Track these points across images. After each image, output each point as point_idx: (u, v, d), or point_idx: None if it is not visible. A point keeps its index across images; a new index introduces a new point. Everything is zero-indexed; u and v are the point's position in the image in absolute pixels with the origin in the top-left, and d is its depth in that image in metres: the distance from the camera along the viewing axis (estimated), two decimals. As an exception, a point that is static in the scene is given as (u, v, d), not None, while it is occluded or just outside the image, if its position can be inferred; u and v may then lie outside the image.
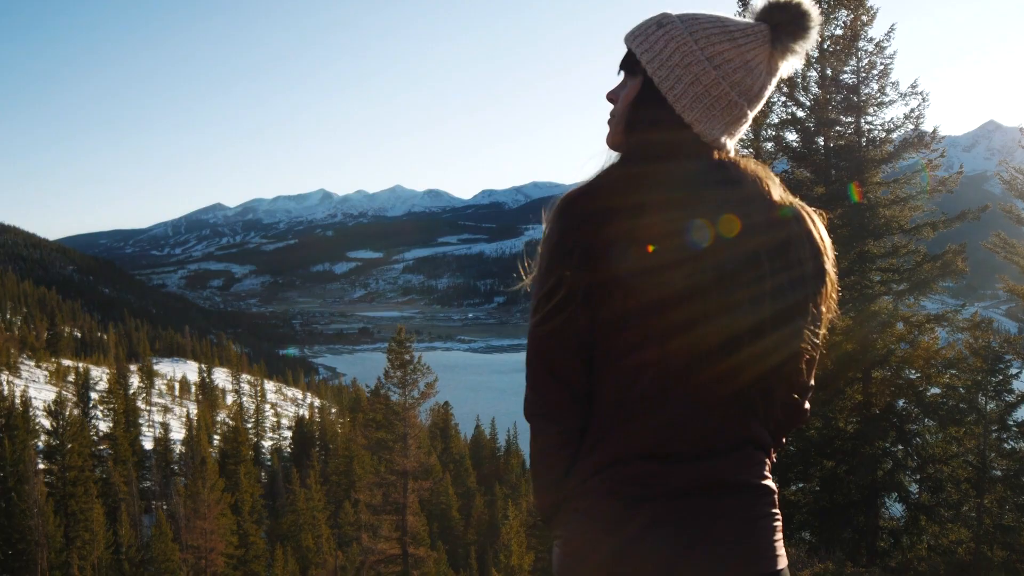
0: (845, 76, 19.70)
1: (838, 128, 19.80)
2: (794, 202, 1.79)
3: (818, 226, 1.80)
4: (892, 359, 18.50)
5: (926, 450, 18.06)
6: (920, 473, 18.18)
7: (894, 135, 19.10)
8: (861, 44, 19.42)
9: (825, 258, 1.78)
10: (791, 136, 21.05)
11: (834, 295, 1.82)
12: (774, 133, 21.10)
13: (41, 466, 39.75)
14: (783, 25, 1.74)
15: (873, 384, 18.41)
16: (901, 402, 18.60)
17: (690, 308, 1.65)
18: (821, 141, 20.22)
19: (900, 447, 18.36)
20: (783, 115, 20.92)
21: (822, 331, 1.80)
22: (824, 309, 1.79)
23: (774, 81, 1.80)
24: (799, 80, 20.28)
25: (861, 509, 17.93)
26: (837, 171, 19.35)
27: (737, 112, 1.77)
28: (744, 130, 1.83)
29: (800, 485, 19.65)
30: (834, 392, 18.01)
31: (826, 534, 17.89)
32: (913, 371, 18.62)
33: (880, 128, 19.35)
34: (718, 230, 1.65)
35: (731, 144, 1.81)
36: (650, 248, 1.63)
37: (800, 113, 20.50)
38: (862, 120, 19.48)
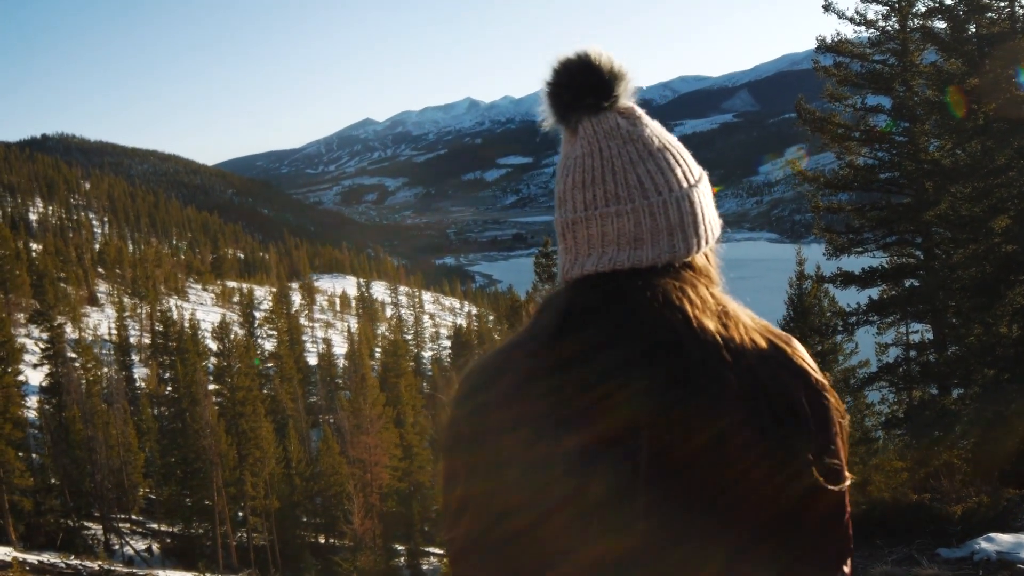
0: (999, -45, 18.38)
1: (991, 14, 18.57)
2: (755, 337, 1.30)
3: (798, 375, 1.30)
4: (1057, 259, 17.51)
5: (1097, 355, 17.10)
6: (1090, 379, 17.28)
7: (1055, 19, 17.81)
8: (1016, -83, 18.04)
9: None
10: (940, 25, 19.91)
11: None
12: (920, 23, 20.00)
13: (211, 387, 41.56)
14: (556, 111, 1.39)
15: (1036, 287, 17.48)
16: (1068, 304, 17.64)
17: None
18: (972, 28, 19.02)
19: (1068, 352, 17.43)
20: (930, 3, 19.77)
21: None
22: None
23: (578, 144, 1.37)
24: (948, -37, 19.10)
25: (1026, 419, 17.18)
26: (991, 60, 18.15)
27: (564, 227, 1.38)
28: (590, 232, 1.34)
29: (960, 391, 18.97)
30: (994, 296, 17.19)
31: (989, 446, 17.22)
32: (1081, 270, 17.62)
33: (1038, 11, 18.07)
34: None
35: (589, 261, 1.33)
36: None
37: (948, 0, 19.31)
38: (1016, 3, 18.20)
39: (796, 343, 1.34)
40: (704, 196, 1.38)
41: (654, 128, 1.39)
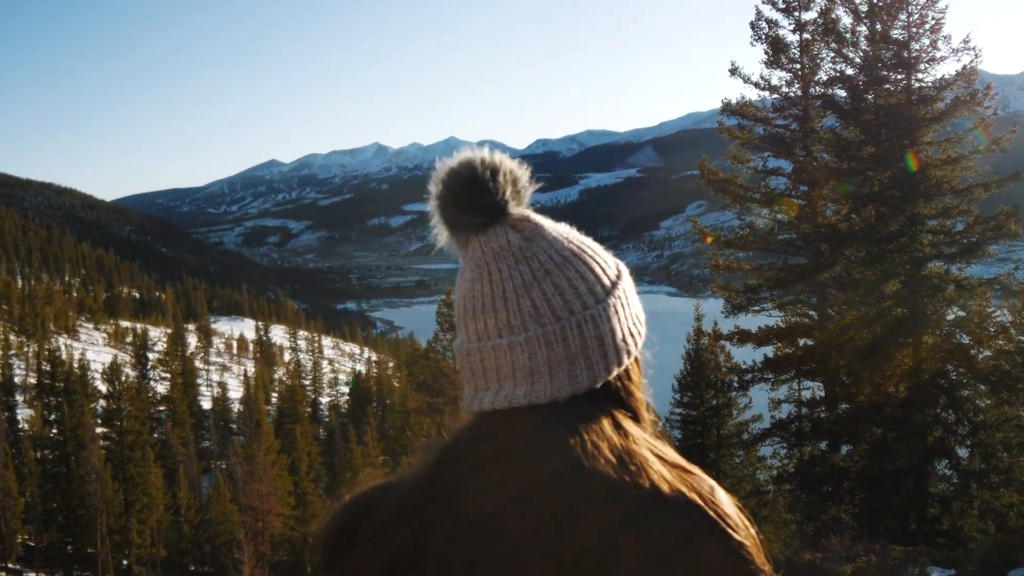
0: (896, 32, 19.14)
1: (887, 86, 19.30)
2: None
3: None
4: (943, 324, 18.15)
5: (977, 416, 17.78)
6: (971, 439, 17.91)
7: (945, 93, 18.57)
8: (912, -3, 18.83)
9: None
10: (840, 93, 20.62)
11: None
12: (822, 91, 20.67)
13: (99, 430, 40.35)
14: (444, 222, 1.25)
15: (923, 349, 18.06)
16: (952, 367, 18.28)
17: None
18: (871, 98, 19.74)
19: (951, 413, 18.07)
20: (831, 72, 20.48)
21: None
22: None
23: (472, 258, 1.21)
24: (848, 36, 19.81)
25: (911, 476, 17.66)
26: (887, 130, 18.84)
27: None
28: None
29: (849, 447, 19.46)
30: (883, 358, 17.68)
31: (875, 502, 17.65)
32: (964, 336, 18.27)
33: (931, 86, 18.83)
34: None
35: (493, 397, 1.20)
36: None
37: (849, 70, 20.05)
38: (912, 77, 18.94)
39: (719, 493, 1.16)
40: (619, 306, 1.22)
41: (554, 238, 1.23)
